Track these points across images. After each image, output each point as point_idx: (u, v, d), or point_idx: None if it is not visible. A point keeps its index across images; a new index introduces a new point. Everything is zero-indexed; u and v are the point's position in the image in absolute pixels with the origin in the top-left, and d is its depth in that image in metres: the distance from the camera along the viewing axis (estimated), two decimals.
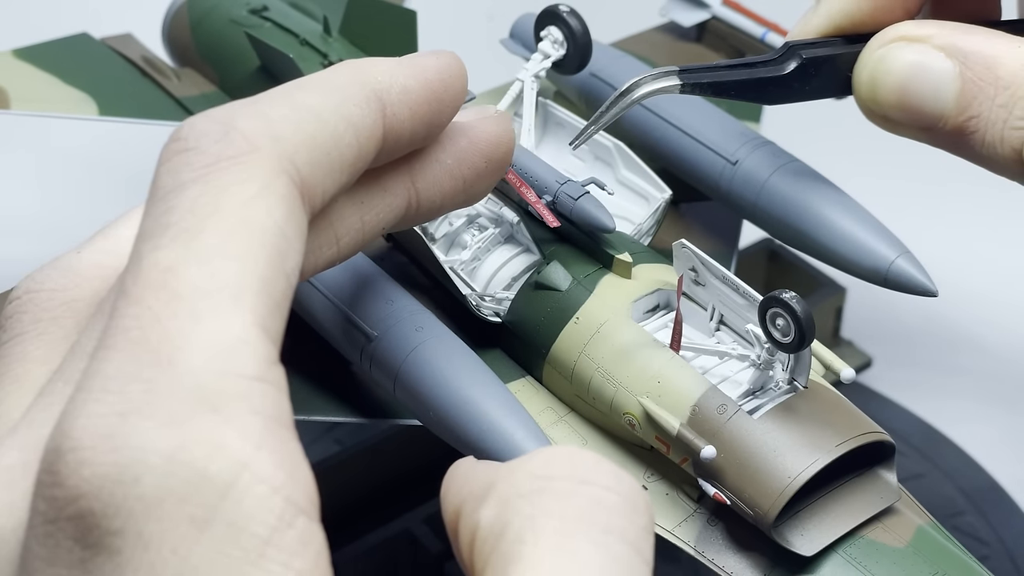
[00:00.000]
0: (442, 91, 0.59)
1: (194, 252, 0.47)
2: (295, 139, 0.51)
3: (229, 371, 0.45)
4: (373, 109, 0.55)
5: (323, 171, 0.52)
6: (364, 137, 0.55)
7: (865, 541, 0.67)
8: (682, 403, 0.68)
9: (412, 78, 0.57)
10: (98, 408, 0.45)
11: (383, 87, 0.56)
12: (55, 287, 0.55)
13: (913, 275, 0.79)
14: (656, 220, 0.83)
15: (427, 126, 0.59)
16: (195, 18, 1.03)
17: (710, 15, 1.03)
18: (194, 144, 0.50)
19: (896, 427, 1.13)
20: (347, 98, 0.54)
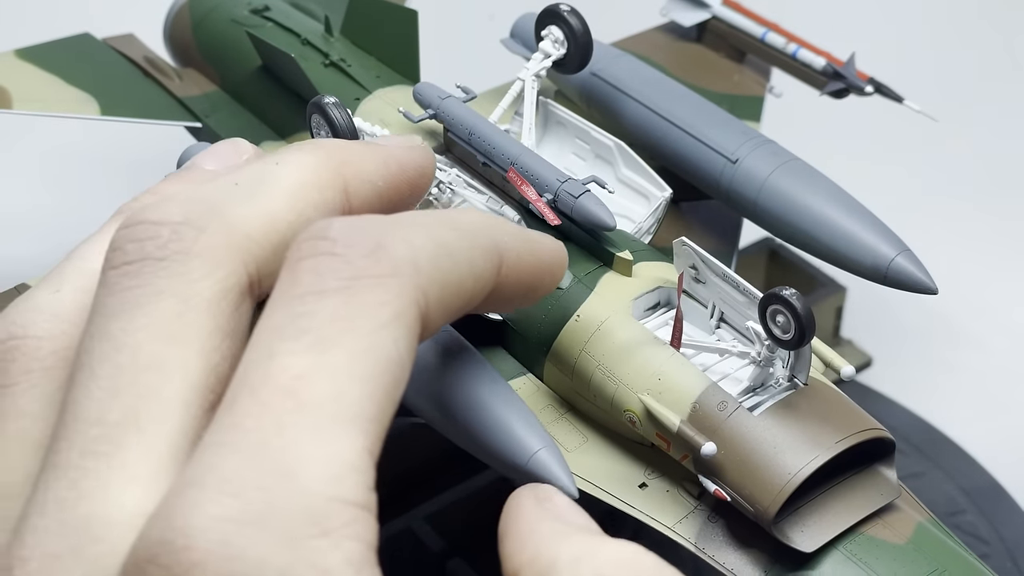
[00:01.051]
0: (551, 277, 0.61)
1: (325, 365, 0.48)
2: (432, 274, 0.52)
3: (341, 496, 0.46)
4: (493, 264, 0.56)
5: (442, 308, 0.53)
6: (479, 288, 0.56)
7: (865, 537, 0.67)
8: (683, 400, 0.68)
9: (528, 250, 0.59)
10: (215, 510, 0.45)
11: (506, 247, 0.57)
12: (41, 334, 0.54)
13: (913, 273, 0.79)
14: (657, 218, 0.83)
15: (524, 296, 0.60)
16: (196, 18, 1.03)
17: (710, 15, 1.03)
18: (342, 251, 0.50)
19: (896, 426, 1.13)
20: (477, 246, 0.56)
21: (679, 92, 0.90)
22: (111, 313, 0.51)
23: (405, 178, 0.62)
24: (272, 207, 0.55)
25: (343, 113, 0.79)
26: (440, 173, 0.82)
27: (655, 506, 0.71)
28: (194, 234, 0.52)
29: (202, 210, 0.53)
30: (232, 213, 0.53)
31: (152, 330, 0.50)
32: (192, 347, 0.50)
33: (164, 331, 0.50)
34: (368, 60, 0.95)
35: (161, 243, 0.51)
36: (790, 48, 0.99)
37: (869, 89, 0.96)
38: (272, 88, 0.96)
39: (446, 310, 0.54)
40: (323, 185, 0.57)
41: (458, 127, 0.82)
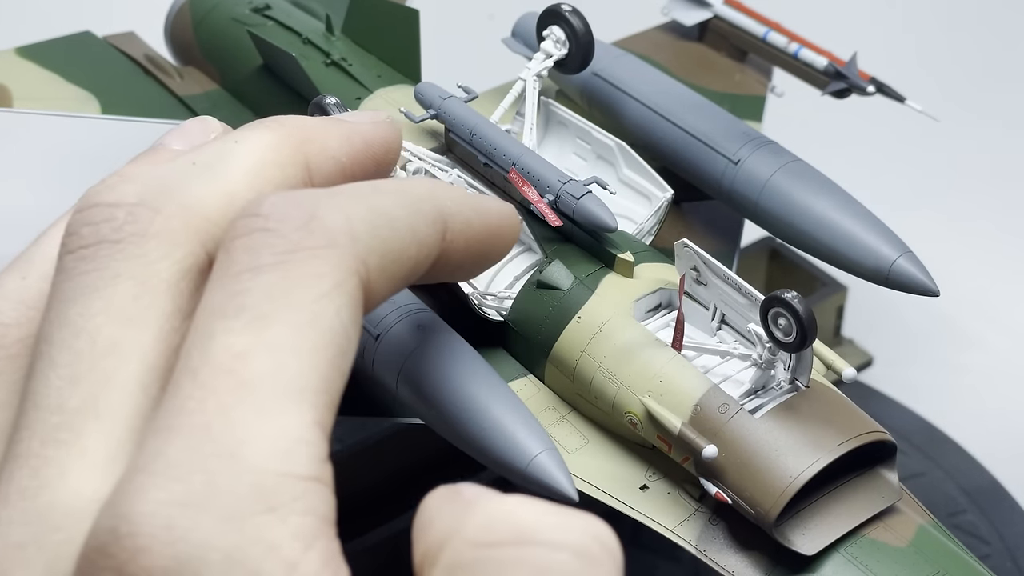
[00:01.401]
0: (502, 240, 0.60)
1: (265, 342, 0.47)
2: (370, 242, 0.51)
3: (288, 471, 0.45)
4: (437, 231, 0.56)
5: (385, 278, 0.53)
6: (423, 255, 0.55)
7: (866, 540, 0.67)
8: (684, 402, 0.68)
9: (476, 215, 0.58)
10: (159, 495, 0.44)
11: (450, 212, 0.56)
12: (8, 322, 0.54)
13: (915, 275, 0.79)
14: (658, 219, 0.83)
15: (474, 263, 0.59)
16: (197, 17, 1.03)
17: (712, 14, 1.03)
18: (275, 226, 0.50)
19: (897, 426, 1.13)
20: (419, 212, 0.55)
21: (680, 92, 0.89)
22: (68, 298, 0.50)
23: (370, 154, 0.60)
24: (230, 186, 0.54)
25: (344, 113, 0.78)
26: (441, 174, 0.82)
27: (656, 508, 0.70)
28: (150, 215, 0.51)
29: (158, 190, 0.52)
30: (189, 193, 0.52)
31: (110, 314, 0.50)
32: (150, 330, 0.50)
33: (121, 314, 0.49)
34: (369, 59, 0.95)
35: (116, 225, 0.51)
36: (792, 48, 0.99)
37: (871, 89, 0.95)
38: (273, 87, 0.96)
39: (390, 279, 0.53)
40: (283, 163, 0.56)
41: (459, 127, 0.82)
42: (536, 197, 0.77)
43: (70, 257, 0.51)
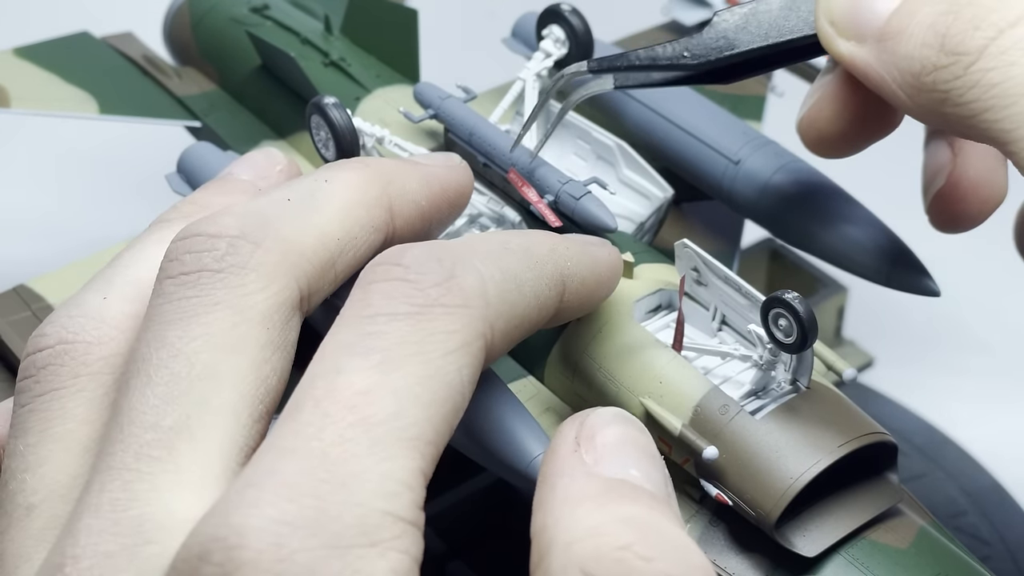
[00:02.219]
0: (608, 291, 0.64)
1: (390, 385, 0.49)
2: (500, 307, 0.54)
3: (391, 511, 0.47)
4: (557, 293, 0.58)
5: (505, 340, 0.55)
6: (543, 317, 0.57)
7: (867, 542, 0.67)
8: (684, 403, 0.68)
9: (591, 272, 0.61)
10: (271, 512, 0.46)
11: (570, 274, 0.59)
12: (91, 340, 0.56)
13: (916, 275, 0.79)
14: (658, 220, 0.82)
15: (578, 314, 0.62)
16: (196, 17, 1.03)
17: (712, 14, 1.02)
18: (415, 278, 0.52)
19: (898, 427, 1.12)
20: (543, 276, 0.57)
21: (680, 92, 0.89)
22: (168, 321, 0.52)
23: (446, 198, 0.64)
24: (323, 224, 0.57)
25: (343, 114, 0.78)
26: None
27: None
28: (250, 248, 0.54)
29: (257, 224, 0.55)
30: (286, 228, 0.56)
31: (208, 340, 0.52)
32: (245, 358, 0.52)
33: (219, 341, 0.52)
34: (368, 59, 0.94)
35: (218, 255, 0.53)
36: None
37: None
38: (272, 87, 0.96)
39: (509, 340, 0.55)
40: (370, 203, 0.59)
41: (459, 127, 0.82)
42: (536, 198, 0.77)
43: (170, 282, 0.54)
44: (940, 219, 0.75)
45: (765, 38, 0.71)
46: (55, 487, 0.53)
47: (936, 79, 0.60)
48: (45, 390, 0.55)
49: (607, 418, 0.54)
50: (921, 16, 0.62)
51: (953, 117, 0.61)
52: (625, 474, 0.51)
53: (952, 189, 0.74)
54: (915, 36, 0.62)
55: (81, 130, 1.27)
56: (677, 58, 0.72)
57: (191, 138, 0.98)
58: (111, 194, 1.31)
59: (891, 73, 0.63)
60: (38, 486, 0.53)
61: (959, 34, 0.59)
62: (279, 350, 0.53)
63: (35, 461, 0.53)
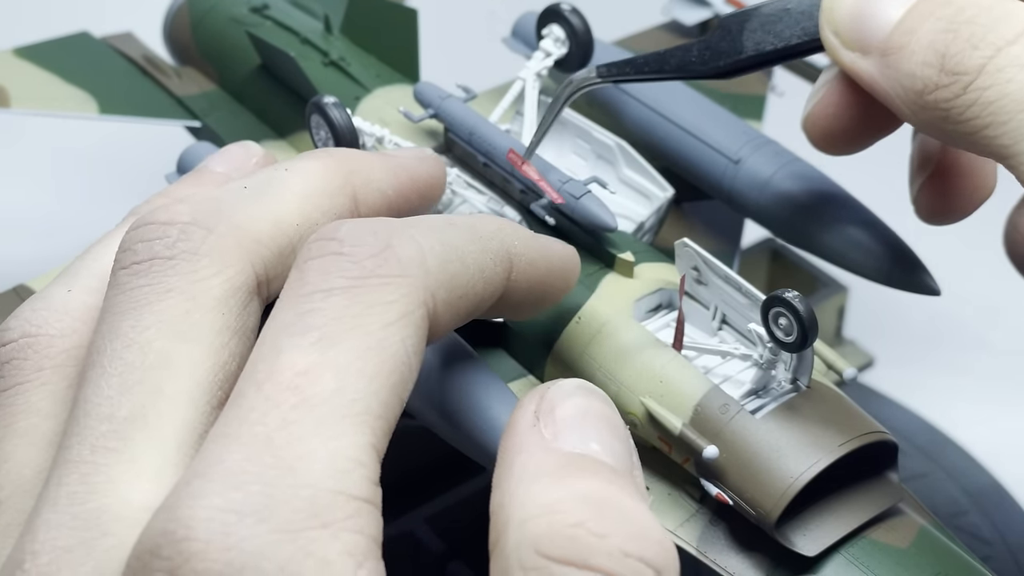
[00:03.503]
0: (563, 283, 0.62)
1: (330, 362, 0.48)
2: (440, 276, 0.53)
3: (343, 490, 0.46)
4: (503, 269, 0.57)
5: (451, 312, 0.54)
6: (489, 292, 0.56)
7: (868, 541, 0.67)
8: (684, 403, 0.68)
9: (540, 256, 0.59)
10: (217, 501, 0.45)
11: (516, 252, 0.57)
12: (54, 332, 0.55)
13: (916, 274, 0.79)
14: (658, 219, 0.82)
15: (533, 303, 0.61)
16: (196, 17, 1.03)
17: (712, 14, 1.02)
18: (349, 251, 0.51)
19: (899, 427, 1.12)
20: (487, 250, 0.56)
21: (681, 92, 0.89)
22: (121, 311, 0.52)
23: (415, 187, 0.63)
24: (280, 210, 0.56)
25: (342, 113, 0.78)
26: None
27: (656, 509, 0.70)
28: (202, 234, 0.53)
29: (210, 211, 0.55)
30: (240, 215, 0.55)
31: (161, 327, 0.51)
32: (200, 344, 0.52)
33: (173, 329, 0.52)
34: (368, 59, 0.94)
35: (170, 243, 0.53)
36: None
37: None
38: (272, 87, 0.96)
39: (455, 313, 0.54)
40: (332, 191, 0.59)
41: (459, 127, 0.82)
42: (536, 176, 0.76)
43: (123, 272, 0.53)
44: (926, 209, 0.75)
45: (773, 41, 0.71)
46: (20, 482, 0.52)
47: (937, 98, 0.61)
48: (9, 385, 0.54)
49: (568, 390, 0.52)
50: (921, 34, 0.62)
51: (955, 133, 0.62)
52: (585, 448, 0.50)
53: (939, 179, 0.74)
54: (916, 54, 0.62)
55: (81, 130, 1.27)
56: (686, 64, 0.72)
57: (191, 138, 0.98)
58: (111, 194, 1.31)
59: (894, 88, 0.64)
60: (3, 482, 0.52)
61: (958, 53, 0.60)
62: (237, 335, 0.52)
63: (0, 457, 0.53)
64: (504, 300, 0.58)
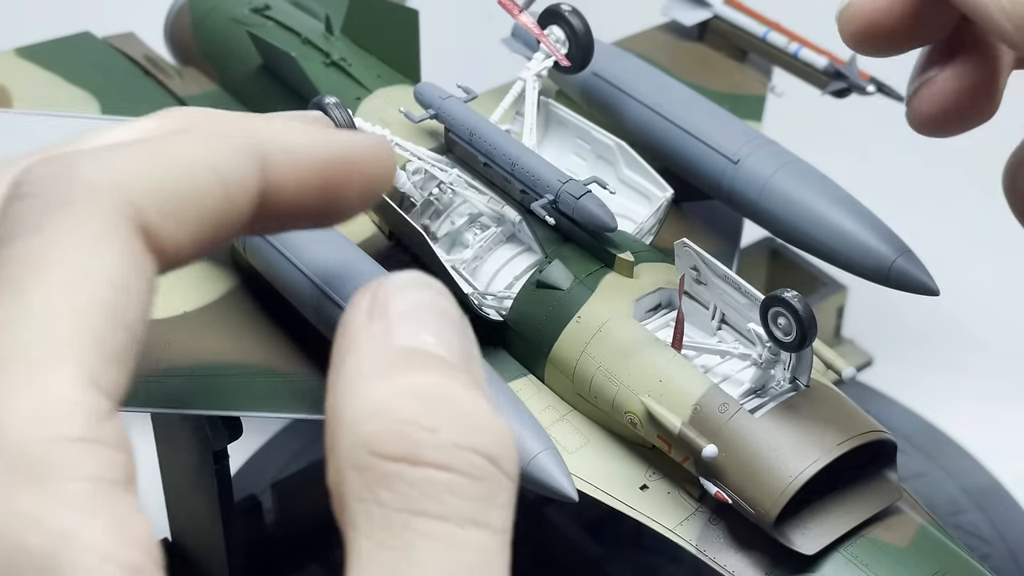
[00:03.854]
0: (348, 169, 0.54)
1: (22, 309, 0.45)
2: (141, 185, 0.48)
3: (53, 436, 0.43)
4: (248, 163, 0.51)
5: (177, 221, 0.49)
6: (234, 192, 0.51)
7: (867, 540, 0.67)
8: (684, 402, 0.68)
9: (309, 145, 0.53)
10: None
11: (268, 144, 0.52)
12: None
13: (915, 274, 0.79)
14: (658, 219, 0.83)
15: (320, 200, 0.54)
16: (197, 17, 1.03)
17: (712, 14, 1.03)
18: (30, 190, 0.47)
19: (898, 426, 1.13)
20: (221, 148, 0.51)
21: (680, 92, 0.89)
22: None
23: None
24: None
25: (343, 114, 0.78)
26: (441, 173, 0.82)
27: (656, 508, 0.70)
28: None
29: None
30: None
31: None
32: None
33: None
34: (369, 59, 0.95)
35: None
36: (792, 47, 0.99)
37: (871, 89, 0.95)
38: (273, 87, 0.96)
39: (186, 222, 0.49)
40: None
41: (459, 127, 0.82)
42: (538, 31, 0.75)
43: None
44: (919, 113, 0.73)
45: None
46: None
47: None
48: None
49: (401, 282, 0.48)
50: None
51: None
52: (418, 341, 0.46)
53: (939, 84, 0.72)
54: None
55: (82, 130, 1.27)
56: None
57: None
58: None
59: None
60: None
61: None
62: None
63: None
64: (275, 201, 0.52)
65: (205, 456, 0.84)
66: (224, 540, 0.88)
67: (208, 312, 0.82)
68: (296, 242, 0.77)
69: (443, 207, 0.83)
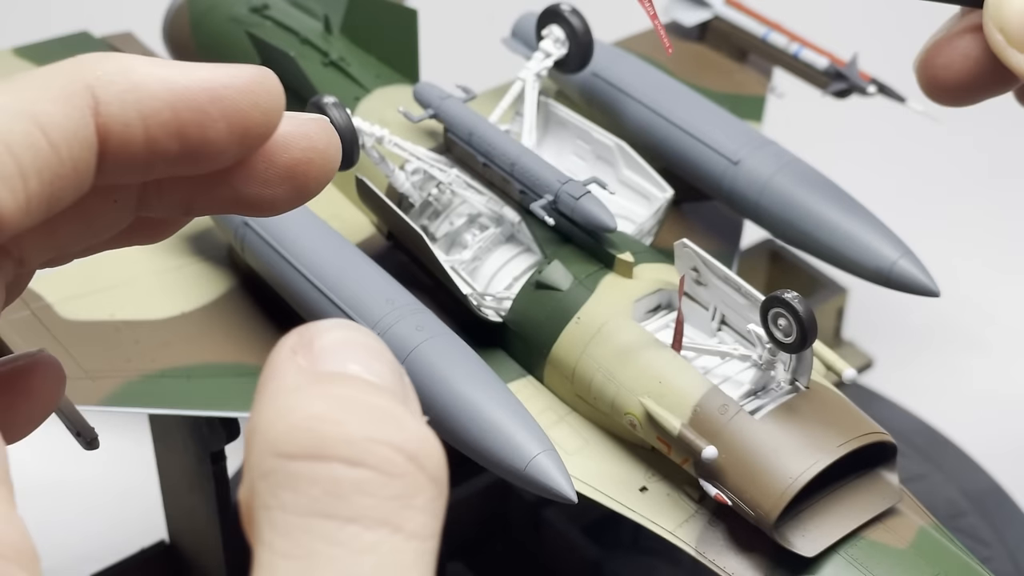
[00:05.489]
0: (206, 102, 0.48)
1: None
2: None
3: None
4: (75, 106, 0.46)
5: None
6: (60, 138, 0.45)
7: (866, 542, 0.67)
8: (683, 403, 0.68)
9: (152, 77, 0.47)
10: None
11: (101, 83, 0.47)
12: None
13: (915, 275, 0.79)
14: (658, 220, 0.82)
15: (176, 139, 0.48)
16: (195, 16, 1.03)
17: (712, 15, 1.02)
18: None
19: (898, 428, 1.12)
20: (38, 96, 0.46)
21: (680, 92, 0.89)
22: None
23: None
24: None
25: (342, 113, 0.78)
26: (440, 174, 0.82)
27: (656, 510, 0.70)
28: None
29: None
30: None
31: None
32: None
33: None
34: (368, 59, 0.94)
35: None
36: (792, 48, 0.99)
37: (872, 89, 0.95)
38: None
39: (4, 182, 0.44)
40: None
41: (458, 127, 0.82)
42: None
43: None
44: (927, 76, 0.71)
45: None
46: None
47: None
48: None
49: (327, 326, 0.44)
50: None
51: None
52: (343, 368, 0.42)
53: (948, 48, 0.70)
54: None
55: None
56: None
57: None
58: None
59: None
60: None
61: None
62: None
63: None
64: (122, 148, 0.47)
65: (202, 457, 0.84)
66: (222, 541, 0.88)
67: (206, 312, 0.82)
68: (294, 242, 0.77)
69: (442, 207, 0.83)
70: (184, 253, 0.85)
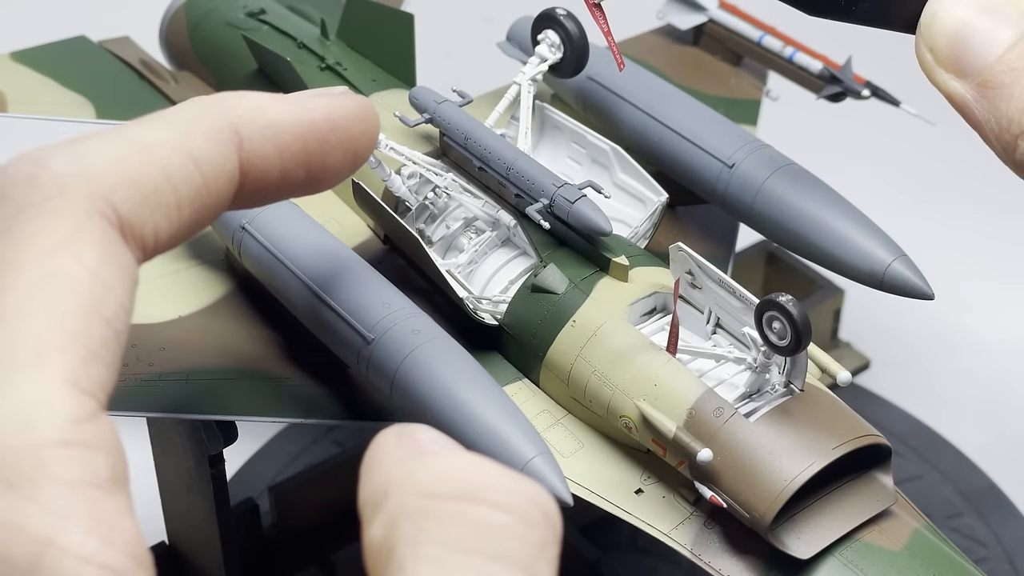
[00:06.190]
0: (327, 132, 0.54)
1: None
2: (112, 177, 0.48)
3: (28, 442, 0.42)
4: (223, 141, 0.51)
5: (151, 208, 0.48)
6: (210, 172, 0.50)
7: (861, 544, 0.67)
8: (679, 406, 0.68)
9: (284, 114, 0.53)
10: None
11: (243, 120, 0.52)
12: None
13: (909, 278, 0.79)
14: (653, 223, 0.83)
15: (304, 167, 0.54)
16: (192, 21, 1.03)
17: (707, 18, 1.03)
18: (6, 191, 0.47)
19: (894, 429, 1.13)
20: (191, 131, 0.50)
21: (675, 96, 0.89)
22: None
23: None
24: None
25: None
26: (436, 178, 0.82)
27: (651, 512, 0.70)
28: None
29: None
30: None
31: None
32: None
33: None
34: (364, 63, 0.95)
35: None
36: (787, 51, 0.99)
37: (866, 93, 0.96)
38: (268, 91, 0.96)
39: (161, 207, 0.49)
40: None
41: (454, 131, 0.82)
42: None
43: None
44: None
45: None
46: None
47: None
48: None
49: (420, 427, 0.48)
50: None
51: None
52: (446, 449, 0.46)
53: None
54: (1018, 99, 0.60)
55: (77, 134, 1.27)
56: None
57: None
58: None
59: (987, 123, 0.61)
60: None
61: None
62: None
63: None
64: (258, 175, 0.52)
65: (200, 460, 0.84)
66: (220, 543, 0.88)
67: (203, 316, 0.82)
68: (291, 246, 0.77)
69: (438, 211, 0.83)
70: (181, 257, 0.85)
